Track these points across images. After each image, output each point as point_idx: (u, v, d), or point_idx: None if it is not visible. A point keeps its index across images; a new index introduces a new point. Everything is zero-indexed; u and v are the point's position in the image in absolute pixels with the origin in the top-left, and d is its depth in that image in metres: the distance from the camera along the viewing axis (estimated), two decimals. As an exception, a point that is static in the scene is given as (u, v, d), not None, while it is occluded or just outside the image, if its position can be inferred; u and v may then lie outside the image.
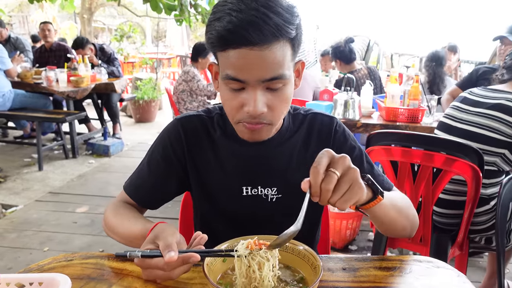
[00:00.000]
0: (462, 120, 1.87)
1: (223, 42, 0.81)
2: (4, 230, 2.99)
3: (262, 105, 0.86)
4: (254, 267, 0.75)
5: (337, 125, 1.09)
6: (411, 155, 1.75)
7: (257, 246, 0.76)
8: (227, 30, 0.79)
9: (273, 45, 0.80)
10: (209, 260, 0.78)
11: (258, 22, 0.78)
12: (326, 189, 0.71)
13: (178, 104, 4.26)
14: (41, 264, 0.92)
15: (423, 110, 2.66)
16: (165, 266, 0.76)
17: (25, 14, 15.40)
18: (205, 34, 0.88)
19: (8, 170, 4.24)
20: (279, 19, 0.79)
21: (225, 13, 0.80)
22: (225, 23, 0.79)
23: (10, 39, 5.32)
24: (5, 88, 4.32)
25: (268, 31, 0.78)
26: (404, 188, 1.83)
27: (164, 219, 3.52)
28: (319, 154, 0.75)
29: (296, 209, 0.81)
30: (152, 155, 1.09)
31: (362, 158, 1.07)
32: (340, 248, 2.76)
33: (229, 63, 0.83)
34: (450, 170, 1.68)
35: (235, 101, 0.88)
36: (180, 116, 1.09)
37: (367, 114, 2.83)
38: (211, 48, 0.87)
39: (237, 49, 0.80)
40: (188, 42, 13.62)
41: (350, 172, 0.73)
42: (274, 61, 0.82)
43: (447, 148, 1.69)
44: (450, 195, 1.86)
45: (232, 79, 0.84)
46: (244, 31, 0.78)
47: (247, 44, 0.79)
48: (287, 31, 0.81)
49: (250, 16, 0.78)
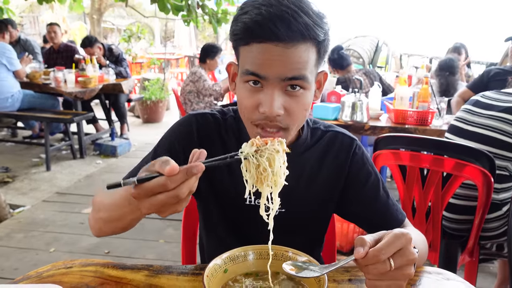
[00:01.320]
0: (474, 123, 1.82)
1: (248, 34, 0.79)
2: (11, 231, 3.00)
3: (279, 106, 0.82)
4: (264, 164, 0.69)
5: (356, 147, 1.04)
6: (420, 159, 1.71)
7: (263, 142, 0.71)
8: (255, 21, 0.78)
9: (299, 44, 0.78)
10: (209, 271, 0.75)
11: (288, 18, 0.76)
12: (373, 274, 0.68)
13: (185, 104, 4.25)
14: (40, 271, 0.91)
15: (433, 112, 2.61)
16: (168, 182, 0.64)
17: (36, 14, 15.55)
18: (230, 28, 0.85)
19: (16, 170, 4.27)
20: (309, 19, 0.78)
21: (254, 7, 0.79)
22: (253, 15, 0.78)
23: (20, 41, 5.37)
24: (14, 88, 4.36)
25: (297, 29, 0.77)
26: (413, 194, 1.79)
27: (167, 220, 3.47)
28: (393, 235, 0.68)
29: (297, 226, 0.78)
30: (159, 147, 1.05)
31: (379, 186, 1.03)
32: (347, 251, 2.72)
33: (250, 57, 0.81)
34: (461, 175, 1.64)
35: (251, 100, 0.85)
36: (196, 112, 1.06)
37: (375, 116, 2.79)
38: (234, 41, 0.85)
39: (261, 43, 0.78)
40: (196, 43, 13.65)
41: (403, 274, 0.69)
42: (298, 60, 0.79)
43: (457, 152, 1.65)
44: (461, 200, 1.82)
45: (251, 73, 0.82)
46: (272, 25, 0.76)
47: (273, 39, 0.77)
48: (316, 33, 0.79)
49: (280, 11, 0.76)
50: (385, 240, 0.68)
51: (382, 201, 1.02)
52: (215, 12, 4.68)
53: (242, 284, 0.78)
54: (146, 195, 0.66)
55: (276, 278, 0.80)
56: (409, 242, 0.68)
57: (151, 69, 10.05)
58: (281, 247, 0.83)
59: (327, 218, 1.11)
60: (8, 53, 4.32)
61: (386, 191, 1.04)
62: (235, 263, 0.81)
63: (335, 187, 1.03)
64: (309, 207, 1.03)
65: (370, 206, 1.02)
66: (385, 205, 1.02)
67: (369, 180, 1.02)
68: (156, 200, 0.65)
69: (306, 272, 0.70)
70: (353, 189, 1.03)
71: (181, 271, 0.90)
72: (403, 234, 0.68)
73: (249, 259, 0.82)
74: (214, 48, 4.30)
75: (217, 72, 6.44)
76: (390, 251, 0.67)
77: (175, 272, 0.89)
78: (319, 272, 0.69)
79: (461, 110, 1.96)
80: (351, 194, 1.03)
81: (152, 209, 0.67)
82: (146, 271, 0.90)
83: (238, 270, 0.81)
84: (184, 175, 0.65)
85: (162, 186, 0.64)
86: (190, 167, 0.66)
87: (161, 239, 2.88)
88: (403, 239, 0.68)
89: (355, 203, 1.03)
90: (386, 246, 0.67)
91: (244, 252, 0.82)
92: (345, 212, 1.08)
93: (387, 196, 1.03)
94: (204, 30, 15.86)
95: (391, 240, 0.67)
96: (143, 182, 0.65)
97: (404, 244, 0.67)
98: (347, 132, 1.07)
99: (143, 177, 0.65)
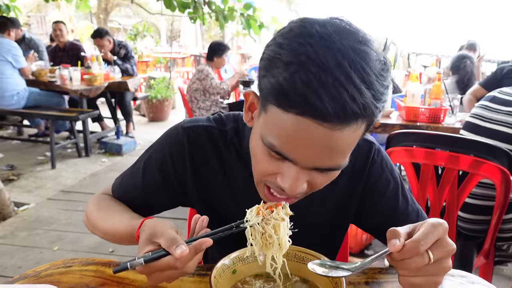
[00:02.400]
0: (491, 119, 1.75)
1: (284, 101, 0.59)
2: (16, 229, 2.97)
3: (302, 184, 0.67)
4: (270, 231, 0.68)
5: (375, 153, 0.92)
6: (435, 156, 1.64)
7: (268, 209, 0.70)
8: (297, 91, 0.57)
9: (348, 127, 0.59)
10: (216, 272, 0.70)
11: (345, 98, 0.56)
12: (410, 269, 0.62)
13: (191, 102, 4.21)
14: (38, 270, 0.86)
15: (446, 109, 2.53)
16: (178, 263, 0.66)
17: (43, 14, 15.63)
18: (259, 68, 0.65)
19: (22, 168, 4.26)
20: (370, 94, 0.58)
21: (299, 60, 0.57)
22: (297, 78, 0.57)
23: (25, 39, 5.37)
24: (19, 86, 4.34)
25: (351, 112, 0.57)
26: (427, 192, 1.72)
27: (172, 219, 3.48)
28: (430, 224, 0.63)
29: (311, 247, 0.73)
30: (149, 162, 0.95)
31: (398, 193, 0.94)
32: (356, 253, 2.66)
33: (280, 126, 0.61)
34: (477, 173, 1.57)
35: (269, 167, 0.68)
36: (187, 125, 0.92)
37: (386, 113, 2.72)
38: (262, 93, 0.64)
39: (300, 117, 0.58)
40: (202, 42, 13.62)
41: (442, 268, 0.64)
42: (341, 148, 0.62)
43: (474, 149, 1.57)
44: (477, 199, 1.75)
45: (276, 152, 0.64)
46: (320, 102, 0.56)
47: (318, 117, 0.57)
48: (373, 112, 0.59)
49: (337, 83, 0.56)
50: (422, 230, 0.62)
51: (401, 210, 0.93)
52: (222, 9, 4.64)
53: (252, 286, 0.73)
54: (153, 272, 0.68)
55: (288, 280, 0.75)
56: (446, 232, 0.63)
57: (157, 68, 10.04)
58: (293, 246, 0.77)
59: (343, 231, 1.03)
60: (14, 50, 4.31)
61: (406, 196, 0.95)
62: (244, 263, 0.76)
63: (352, 199, 0.94)
64: (324, 222, 0.95)
65: (388, 217, 0.93)
66: (404, 214, 0.93)
67: (388, 190, 0.93)
68: (162, 275, 0.68)
69: (336, 271, 0.64)
70: (370, 201, 0.94)
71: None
72: (439, 223, 0.62)
73: (260, 260, 0.77)
74: (221, 46, 4.25)
75: (223, 71, 6.40)
76: (429, 242, 0.61)
77: (180, 273, 0.84)
78: (349, 271, 0.64)
79: (477, 106, 1.89)
80: (368, 206, 0.94)
81: (158, 282, 0.70)
82: (150, 271, 0.84)
83: (248, 271, 0.76)
84: (193, 253, 0.66)
85: (171, 267, 0.66)
86: (200, 244, 0.66)
87: (166, 238, 2.84)
88: (440, 228, 0.62)
89: (372, 215, 0.95)
90: (424, 237, 0.61)
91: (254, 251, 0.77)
92: (361, 224, 1.01)
93: (407, 202, 0.94)
94: (210, 29, 15.85)
95: (429, 229, 0.61)
96: (150, 262, 0.66)
97: (441, 234, 0.62)
98: (365, 135, 0.97)
99: (151, 257, 0.66)
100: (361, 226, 1.02)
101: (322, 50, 0.57)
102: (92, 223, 0.95)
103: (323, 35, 0.59)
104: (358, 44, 0.59)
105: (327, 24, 0.61)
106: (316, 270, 0.65)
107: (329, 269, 0.66)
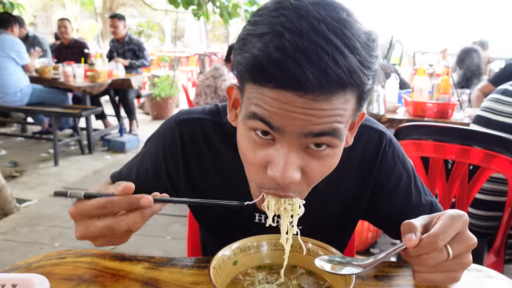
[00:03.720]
0: (503, 113, 1.70)
1: (259, 74, 0.54)
2: (17, 225, 2.95)
3: (295, 170, 0.58)
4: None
5: (386, 145, 0.85)
6: (445, 150, 1.58)
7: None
8: (272, 59, 0.51)
9: (335, 95, 0.53)
10: (216, 262, 0.65)
11: (326, 62, 0.50)
12: (427, 265, 0.58)
13: (199, 97, 4.15)
14: (30, 261, 0.82)
15: (454, 104, 2.47)
16: (109, 205, 0.59)
17: (48, 14, 15.71)
18: (234, 46, 0.61)
19: (25, 164, 4.24)
20: (356, 58, 0.52)
21: (273, 30, 0.52)
22: (270, 46, 0.51)
23: (28, 38, 5.37)
24: (23, 83, 4.32)
25: (335, 78, 0.51)
26: (436, 187, 1.67)
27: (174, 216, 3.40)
28: (449, 216, 0.58)
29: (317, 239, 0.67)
30: (145, 157, 0.92)
31: (410, 186, 0.88)
32: (361, 251, 2.61)
33: (260, 99, 0.56)
34: (489, 167, 1.51)
35: (257, 156, 0.61)
36: (181, 118, 0.86)
37: (392, 109, 2.66)
38: (238, 73, 0.60)
39: (279, 90, 0.53)
40: (206, 41, 13.61)
41: (461, 263, 0.60)
42: (330, 114, 0.55)
43: (485, 142, 1.52)
44: (488, 195, 1.69)
45: (260, 119, 0.57)
46: (298, 69, 0.50)
47: (298, 89, 0.52)
48: (361, 79, 0.53)
49: (315, 47, 0.50)
50: (441, 223, 0.57)
51: (414, 204, 0.88)
52: (226, 5, 4.60)
53: (254, 278, 0.68)
54: (83, 217, 0.61)
55: (293, 272, 0.70)
56: (467, 225, 0.58)
57: (161, 67, 10.03)
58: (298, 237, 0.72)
59: (352, 226, 0.98)
60: (17, 46, 4.29)
61: (418, 188, 0.89)
62: (246, 254, 0.71)
63: (362, 193, 0.88)
64: (332, 216, 0.89)
65: (400, 212, 0.86)
66: (418, 208, 0.88)
67: (400, 184, 0.87)
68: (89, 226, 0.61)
69: (346, 268, 0.59)
70: (382, 196, 0.88)
71: (185, 264, 0.80)
72: (460, 216, 0.57)
73: (263, 251, 0.72)
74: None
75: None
76: (448, 236, 0.56)
77: (178, 265, 0.79)
78: (361, 268, 0.59)
79: (487, 99, 1.84)
80: (379, 201, 0.88)
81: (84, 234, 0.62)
82: (147, 263, 0.80)
83: (250, 263, 0.71)
84: (127, 203, 0.59)
85: (100, 208, 0.59)
86: (138, 198, 0.59)
87: (168, 236, 2.80)
88: (460, 221, 0.57)
89: (384, 210, 0.89)
90: (443, 231, 0.56)
91: (257, 242, 0.72)
92: (373, 220, 0.95)
93: (420, 195, 0.88)
94: (215, 29, 15.83)
95: (448, 222, 0.56)
96: (90, 198, 0.60)
97: (462, 227, 0.57)
98: (375, 124, 0.86)
99: (90, 193, 0.60)
100: (372, 221, 0.96)
101: (297, 18, 0.52)
102: None
103: (298, 6, 0.54)
104: (338, 14, 0.54)
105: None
106: (324, 267, 0.60)
107: (339, 265, 0.61)
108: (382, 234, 2.77)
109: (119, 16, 5.25)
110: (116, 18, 5.21)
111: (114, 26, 5.17)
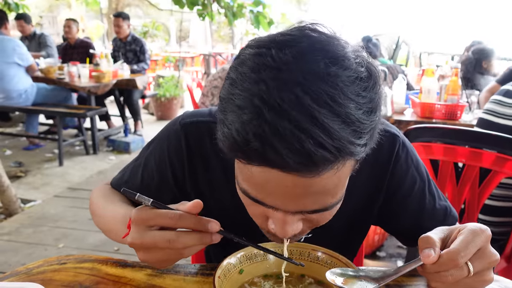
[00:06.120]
0: (505, 115, 1.66)
1: (242, 158, 0.51)
2: (21, 225, 2.94)
3: (295, 225, 0.57)
4: None
5: (400, 148, 0.81)
6: (455, 153, 1.55)
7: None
8: (251, 149, 0.48)
9: (324, 172, 0.49)
10: (221, 272, 0.63)
11: (308, 147, 0.45)
12: (445, 282, 0.54)
13: (206, 97, 4.13)
14: (30, 267, 0.80)
15: (463, 106, 2.43)
16: (175, 218, 0.56)
17: (54, 14, 15.79)
18: (218, 106, 0.56)
19: (29, 164, 4.24)
20: (347, 131, 0.47)
21: (252, 103, 0.48)
22: (250, 133, 0.47)
23: (35, 35, 5.39)
24: (26, 84, 4.31)
25: (321, 160, 0.47)
26: (446, 191, 1.63)
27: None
28: (470, 231, 0.55)
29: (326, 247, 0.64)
30: (148, 160, 0.88)
31: (424, 191, 0.84)
32: (368, 254, 2.57)
33: (249, 177, 0.54)
34: (501, 171, 1.47)
35: (256, 212, 0.60)
36: (185, 121, 0.83)
37: (400, 110, 2.63)
38: (222, 148, 0.55)
39: (265, 168, 0.50)
40: (211, 42, 13.61)
41: (482, 281, 0.57)
42: (323, 190, 0.52)
43: (498, 145, 1.48)
44: (498, 201, 1.65)
45: (254, 200, 0.56)
46: (280, 158, 0.47)
47: (283, 169, 0.49)
48: (354, 151, 0.49)
49: (296, 132, 0.45)
50: (462, 239, 0.53)
51: (428, 209, 0.84)
52: (231, 6, 4.58)
53: (260, 287, 0.66)
54: (145, 221, 0.59)
55: (301, 281, 0.67)
56: (489, 240, 0.54)
57: (166, 67, 10.03)
58: (307, 244, 0.70)
59: (363, 233, 0.94)
60: (19, 49, 4.27)
61: (432, 193, 0.86)
62: (252, 262, 0.68)
63: (373, 199, 0.85)
64: (341, 226, 0.85)
65: (414, 218, 0.84)
66: (432, 214, 0.84)
67: (413, 189, 0.83)
68: (156, 254, 0.59)
69: (359, 283, 0.56)
70: (394, 202, 0.84)
71: (189, 271, 0.77)
72: (482, 230, 0.54)
73: (269, 259, 0.69)
74: None
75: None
76: (470, 253, 0.53)
77: (182, 272, 0.77)
78: (374, 283, 0.56)
79: (490, 101, 1.80)
80: (392, 207, 0.85)
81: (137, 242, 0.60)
82: (149, 270, 0.78)
83: (256, 271, 0.68)
84: (193, 221, 0.57)
85: (167, 219, 0.57)
86: (206, 221, 0.58)
87: (173, 237, 2.78)
88: (482, 236, 0.54)
89: (397, 216, 0.86)
90: (465, 247, 0.52)
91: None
92: (385, 226, 0.92)
93: (434, 200, 0.85)
94: (220, 29, 15.83)
95: (470, 238, 0.53)
96: (157, 207, 0.58)
97: (484, 242, 0.54)
98: (388, 126, 0.82)
99: (159, 203, 0.58)
100: (384, 227, 0.93)
101: (278, 88, 0.47)
102: (93, 210, 0.89)
103: (280, 65, 0.48)
104: (326, 66, 0.48)
105: (287, 45, 0.50)
106: (336, 282, 0.58)
107: (351, 279, 0.58)
108: (389, 236, 2.73)
109: (124, 15, 5.25)
110: (120, 17, 5.22)
111: (118, 25, 5.18)
